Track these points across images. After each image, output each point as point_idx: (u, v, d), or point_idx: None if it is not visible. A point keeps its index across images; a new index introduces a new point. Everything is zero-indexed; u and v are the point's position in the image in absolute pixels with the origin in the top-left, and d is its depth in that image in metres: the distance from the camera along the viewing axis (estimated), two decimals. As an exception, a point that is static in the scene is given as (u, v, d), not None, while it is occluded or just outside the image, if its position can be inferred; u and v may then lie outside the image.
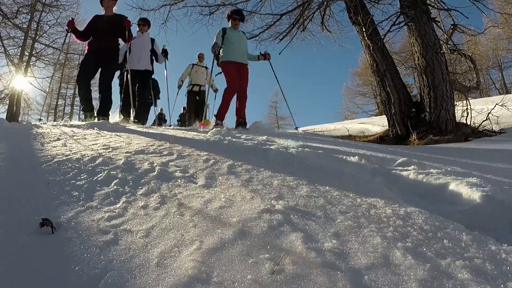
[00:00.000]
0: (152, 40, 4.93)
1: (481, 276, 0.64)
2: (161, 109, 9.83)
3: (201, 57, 6.75)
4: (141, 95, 4.74)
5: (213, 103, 7.80)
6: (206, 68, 6.63)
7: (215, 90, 6.88)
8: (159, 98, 6.25)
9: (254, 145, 1.92)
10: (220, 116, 4.03)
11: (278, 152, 1.69)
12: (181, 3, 6.73)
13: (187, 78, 6.64)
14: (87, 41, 4.05)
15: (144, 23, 4.88)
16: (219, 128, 3.21)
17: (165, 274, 0.67)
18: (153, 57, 4.93)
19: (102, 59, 3.85)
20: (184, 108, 9.32)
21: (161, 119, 8.97)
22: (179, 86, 6.63)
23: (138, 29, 4.86)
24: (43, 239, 0.81)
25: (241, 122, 4.09)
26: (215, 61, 4.36)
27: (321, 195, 1.05)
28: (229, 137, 2.25)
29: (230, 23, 4.35)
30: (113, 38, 4.01)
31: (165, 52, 4.95)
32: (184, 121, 8.46)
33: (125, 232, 0.85)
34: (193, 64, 6.60)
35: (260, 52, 4.60)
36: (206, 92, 5.83)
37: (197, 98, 6.55)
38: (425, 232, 0.81)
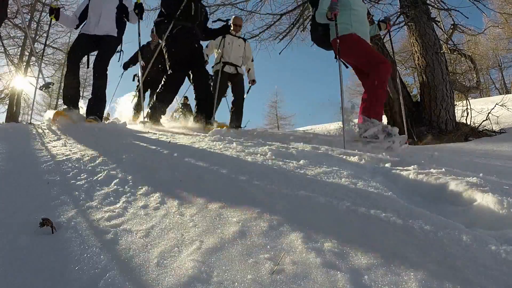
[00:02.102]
0: None
1: (481, 276, 0.64)
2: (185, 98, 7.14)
3: (238, 24, 4.30)
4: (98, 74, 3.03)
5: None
6: (245, 40, 4.42)
7: (252, 82, 4.56)
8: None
9: (254, 145, 1.92)
10: (379, 115, 2.45)
11: (278, 152, 1.69)
12: (181, 3, 6.72)
13: (214, 53, 4.42)
14: None
15: None
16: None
17: (165, 274, 0.67)
18: (121, 17, 3.28)
19: None
20: (185, 97, 7.22)
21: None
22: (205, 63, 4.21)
23: None
24: (43, 239, 0.81)
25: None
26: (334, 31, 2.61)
27: (321, 195, 1.05)
28: (229, 137, 2.25)
29: None
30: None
31: (139, 8, 3.31)
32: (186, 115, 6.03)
33: (125, 232, 0.85)
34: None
35: (378, 20, 3.08)
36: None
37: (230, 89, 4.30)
38: (425, 232, 0.81)
